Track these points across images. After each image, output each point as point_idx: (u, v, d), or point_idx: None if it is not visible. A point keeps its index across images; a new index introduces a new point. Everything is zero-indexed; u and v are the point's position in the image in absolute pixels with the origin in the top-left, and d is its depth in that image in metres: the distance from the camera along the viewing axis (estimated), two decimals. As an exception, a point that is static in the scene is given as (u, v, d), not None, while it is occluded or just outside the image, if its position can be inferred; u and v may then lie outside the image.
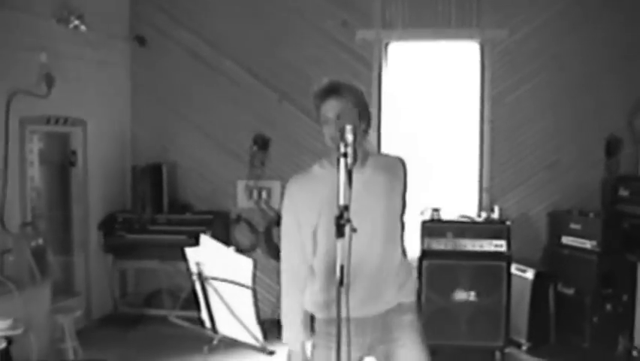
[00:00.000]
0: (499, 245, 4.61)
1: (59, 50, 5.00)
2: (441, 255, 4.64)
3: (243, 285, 2.84)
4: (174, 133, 5.99)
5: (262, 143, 5.87)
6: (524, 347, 4.83)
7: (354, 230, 2.20)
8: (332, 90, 2.59)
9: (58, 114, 5.06)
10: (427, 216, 4.77)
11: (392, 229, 2.60)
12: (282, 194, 2.70)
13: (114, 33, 5.74)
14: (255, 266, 2.84)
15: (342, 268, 2.21)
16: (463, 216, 4.79)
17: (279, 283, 2.78)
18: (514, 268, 4.75)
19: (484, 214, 4.87)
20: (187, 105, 5.97)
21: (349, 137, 2.24)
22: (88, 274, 5.49)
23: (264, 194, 5.84)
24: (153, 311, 5.66)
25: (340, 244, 2.20)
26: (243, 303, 2.85)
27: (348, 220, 2.17)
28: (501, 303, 4.57)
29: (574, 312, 4.85)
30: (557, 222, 5.18)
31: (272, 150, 5.86)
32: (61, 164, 5.41)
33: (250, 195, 5.88)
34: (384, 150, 5.73)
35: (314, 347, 2.63)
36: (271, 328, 2.98)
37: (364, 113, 2.57)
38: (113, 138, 5.85)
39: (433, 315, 4.55)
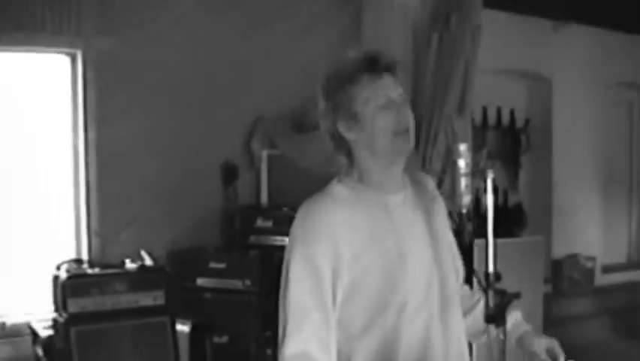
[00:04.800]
0: (158, 296, 4.57)
1: None
2: (91, 318, 4.37)
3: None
4: None
5: None
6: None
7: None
8: (386, 64, 2.14)
9: None
10: (65, 272, 4.46)
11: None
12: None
13: None
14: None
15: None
16: (108, 266, 4.61)
17: None
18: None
19: (128, 262, 4.75)
20: None
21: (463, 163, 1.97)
22: None
23: None
24: None
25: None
26: None
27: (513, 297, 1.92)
28: (169, 366, 4.52)
29: (233, 364, 5.04)
30: (189, 263, 5.31)
31: None
32: None
33: None
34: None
35: None
36: None
37: None
38: None
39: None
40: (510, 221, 7.37)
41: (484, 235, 2.04)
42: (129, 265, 4.71)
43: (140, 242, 5.41)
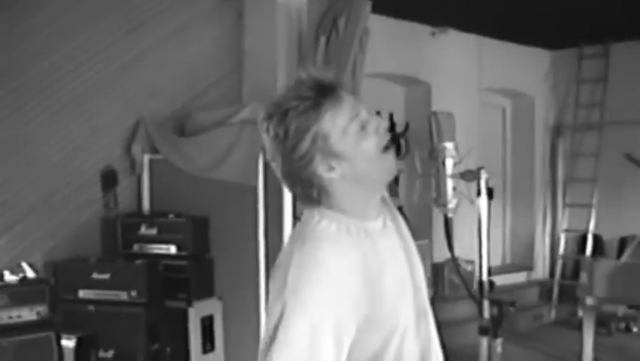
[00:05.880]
0: (42, 311, 4.40)
1: None
2: (-31, 336, 4.18)
3: None
4: None
5: None
6: None
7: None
8: (336, 84, 1.95)
9: None
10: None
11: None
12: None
13: None
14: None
15: None
16: (-14, 279, 4.41)
17: None
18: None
19: (8, 274, 4.55)
20: None
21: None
22: None
23: None
24: None
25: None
26: None
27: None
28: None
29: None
30: (70, 274, 5.14)
31: None
32: None
33: None
34: None
35: None
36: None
37: None
38: None
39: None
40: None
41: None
42: (9, 277, 4.52)
43: (15, 252, 5.23)
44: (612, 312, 7.70)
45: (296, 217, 5.83)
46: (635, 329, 7.94)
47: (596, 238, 9.03)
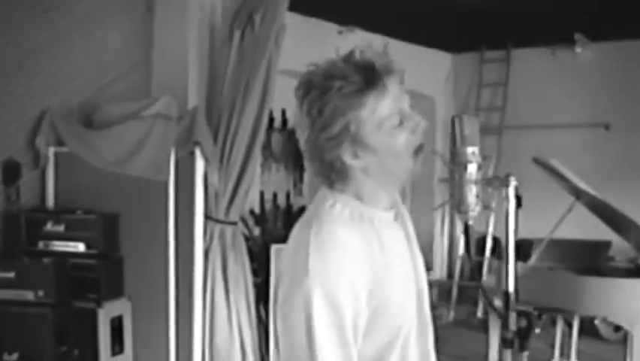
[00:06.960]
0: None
1: None
2: None
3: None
4: None
5: None
6: None
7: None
8: (385, 69, 1.87)
9: None
10: None
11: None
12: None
13: None
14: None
15: None
16: None
17: None
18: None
19: None
20: None
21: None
22: None
23: None
24: None
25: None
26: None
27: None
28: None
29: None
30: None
31: None
32: None
33: None
34: None
35: None
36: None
37: None
38: None
39: None
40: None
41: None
42: None
43: None
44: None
45: (207, 216, 5.73)
46: (537, 330, 8.16)
47: (494, 240, 9.25)
